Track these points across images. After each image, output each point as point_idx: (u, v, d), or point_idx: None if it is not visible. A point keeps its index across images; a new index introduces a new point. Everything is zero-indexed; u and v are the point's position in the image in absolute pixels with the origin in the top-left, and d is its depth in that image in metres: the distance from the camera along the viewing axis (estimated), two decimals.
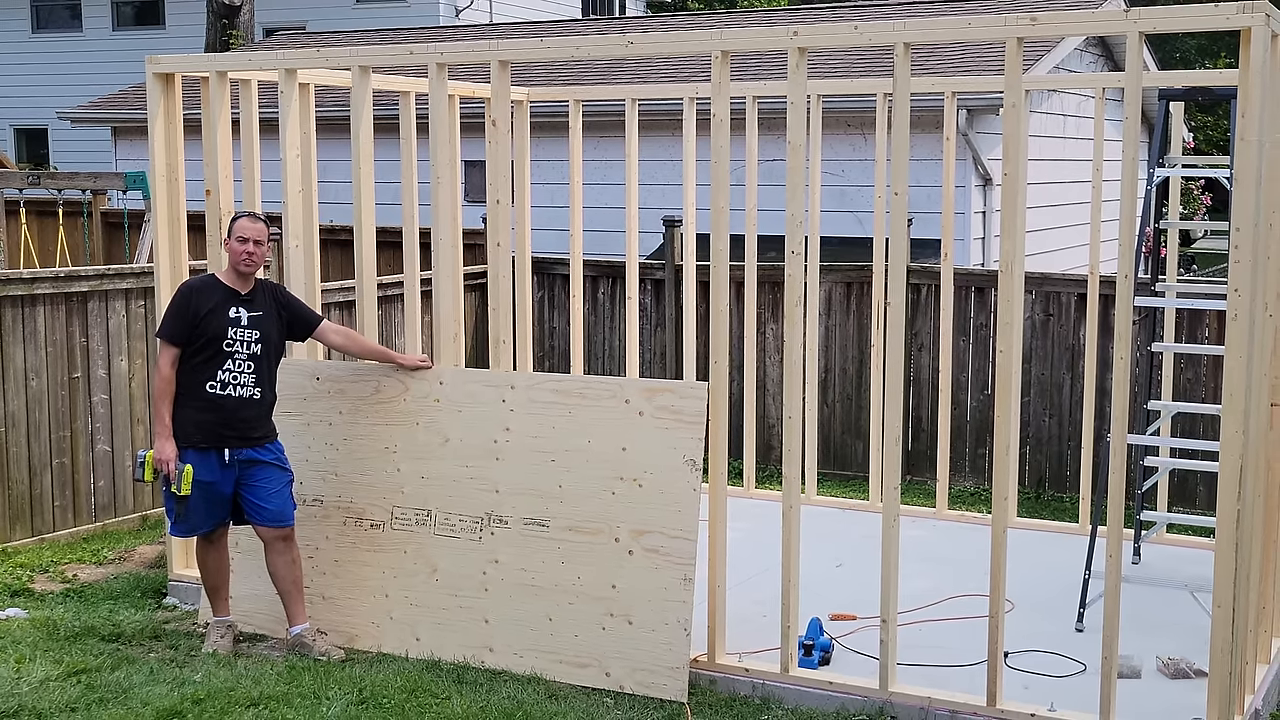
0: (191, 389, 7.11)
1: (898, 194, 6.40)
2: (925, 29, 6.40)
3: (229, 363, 7.15)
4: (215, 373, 7.13)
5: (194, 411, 7.11)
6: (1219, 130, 35.37)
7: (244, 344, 7.19)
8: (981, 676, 6.39)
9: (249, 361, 7.21)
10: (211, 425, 7.12)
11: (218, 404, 7.14)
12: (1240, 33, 5.70)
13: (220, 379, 7.14)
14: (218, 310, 7.15)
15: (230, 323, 7.17)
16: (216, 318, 7.14)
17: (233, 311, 7.19)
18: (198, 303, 7.14)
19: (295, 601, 7.36)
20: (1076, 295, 10.64)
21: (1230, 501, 5.90)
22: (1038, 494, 10.90)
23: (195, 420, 7.10)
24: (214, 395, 7.13)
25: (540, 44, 7.31)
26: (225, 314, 7.17)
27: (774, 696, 6.69)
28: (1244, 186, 5.78)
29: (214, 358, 7.13)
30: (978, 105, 14.05)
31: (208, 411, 7.12)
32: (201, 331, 7.10)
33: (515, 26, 23.17)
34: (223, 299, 7.20)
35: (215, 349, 7.12)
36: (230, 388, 7.16)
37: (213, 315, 7.13)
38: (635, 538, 6.89)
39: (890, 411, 6.53)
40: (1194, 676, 6.68)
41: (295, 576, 7.37)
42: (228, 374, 7.15)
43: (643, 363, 12.12)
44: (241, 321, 7.20)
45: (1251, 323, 5.84)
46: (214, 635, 7.41)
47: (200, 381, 7.12)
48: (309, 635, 7.35)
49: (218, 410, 7.14)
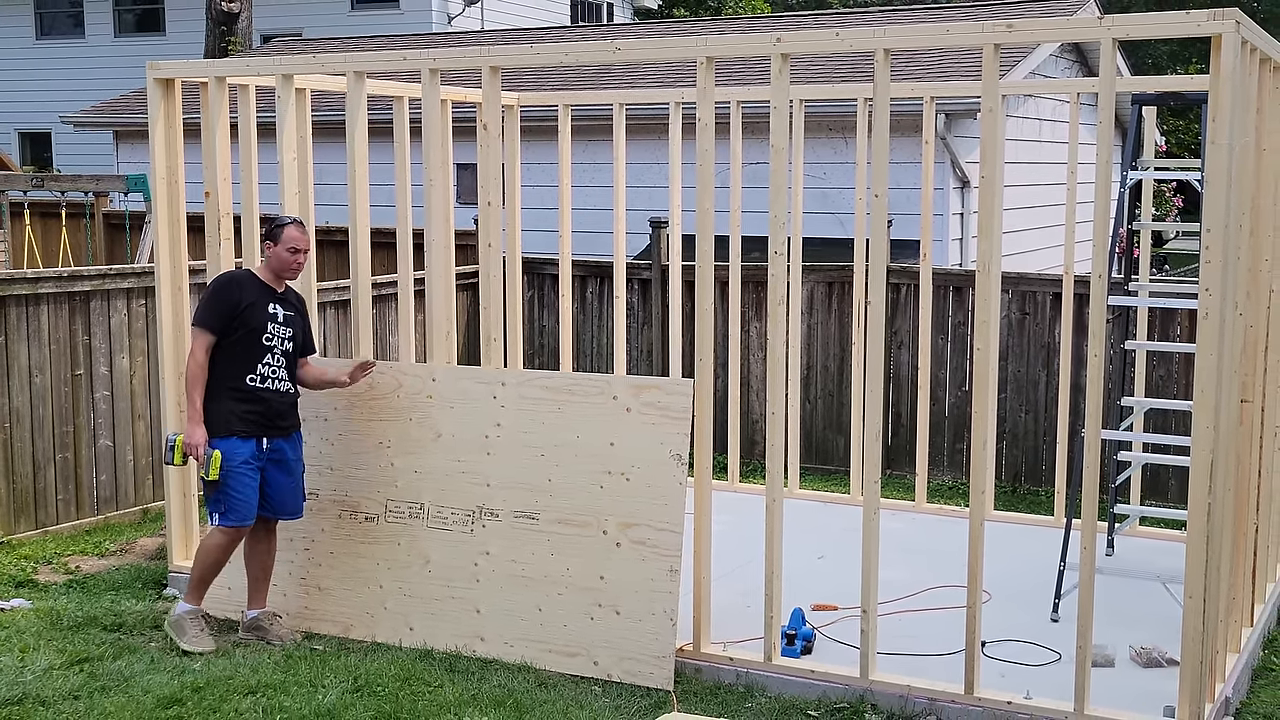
0: (230, 380, 7.10)
1: (878, 196, 6.39)
2: (905, 36, 6.39)
3: (268, 356, 7.19)
4: (255, 365, 7.14)
5: (234, 402, 7.10)
6: (1190, 134, 35.45)
7: (280, 340, 7.24)
8: (959, 665, 6.38)
9: (282, 357, 7.26)
10: (252, 416, 7.14)
11: (259, 396, 7.17)
12: (1211, 39, 5.70)
13: (260, 372, 7.16)
14: (258, 304, 7.17)
15: (269, 318, 7.19)
16: (257, 311, 7.16)
17: (271, 308, 7.22)
18: (239, 294, 7.15)
19: (262, 588, 7.45)
20: (1052, 294, 10.64)
21: (1201, 495, 5.90)
22: (1014, 488, 10.90)
23: (235, 410, 7.09)
24: (255, 388, 7.15)
25: (530, 50, 7.29)
26: (265, 309, 7.20)
27: (757, 685, 6.68)
28: (1215, 188, 5.78)
29: (254, 350, 7.14)
30: (956, 109, 14.06)
31: (249, 402, 7.13)
32: (242, 323, 7.10)
33: (506, 33, 23.12)
34: (261, 294, 7.23)
35: (254, 341, 7.14)
36: (269, 381, 7.20)
37: (253, 309, 7.15)
38: (623, 530, 6.88)
39: (871, 407, 6.52)
40: (1166, 665, 6.68)
41: (270, 564, 7.47)
42: (267, 368, 7.18)
43: (630, 360, 12.10)
44: (278, 318, 7.24)
45: (1222, 321, 5.84)
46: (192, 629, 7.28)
47: (240, 373, 7.11)
48: (266, 619, 7.40)
49: (259, 402, 7.17)
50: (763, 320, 11.53)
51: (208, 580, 7.35)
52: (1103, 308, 6.03)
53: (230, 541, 7.25)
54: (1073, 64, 18.06)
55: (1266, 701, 6.69)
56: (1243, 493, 6.72)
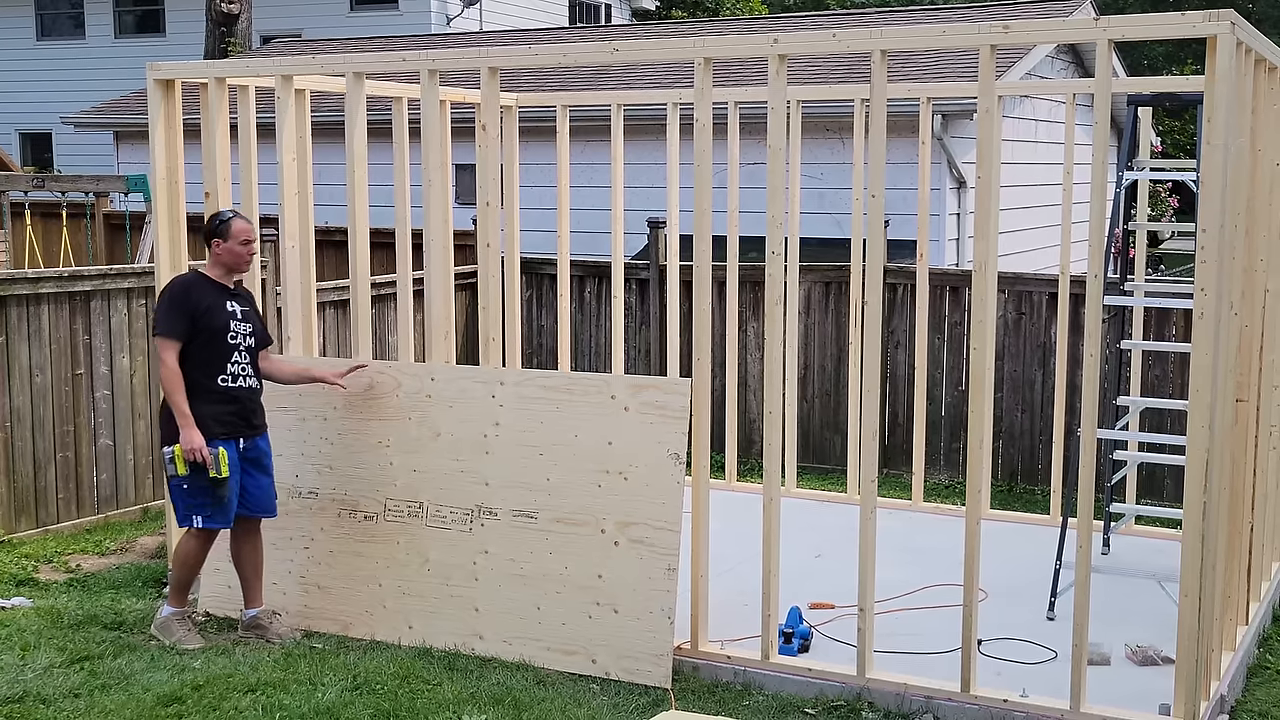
0: (202, 384, 7.05)
1: (875, 196, 6.38)
2: (901, 37, 6.39)
3: (235, 355, 7.16)
4: (225, 366, 7.12)
5: (211, 406, 7.06)
6: (1186, 135, 35.48)
7: (243, 336, 7.22)
8: (956, 663, 6.38)
9: (247, 354, 7.24)
10: (229, 417, 7.12)
11: (233, 396, 7.15)
12: (1206, 40, 5.70)
13: (230, 371, 7.14)
14: (215, 305, 7.15)
15: (229, 316, 7.18)
16: (217, 312, 7.13)
17: (229, 306, 7.21)
18: (196, 298, 7.12)
19: (256, 586, 7.43)
20: (1048, 294, 10.64)
21: (1196, 494, 5.90)
22: (1010, 487, 10.89)
23: (213, 414, 7.05)
24: (228, 388, 7.13)
25: (529, 51, 7.28)
26: (224, 308, 7.17)
27: (755, 682, 6.68)
28: (1210, 189, 5.78)
29: (220, 351, 7.11)
30: (952, 110, 14.06)
31: (225, 403, 7.11)
32: (203, 326, 7.07)
33: (504, 35, 23.12)
34: (217, 294, 7.20)
35: (220, 342, 7.10)
36: (240, 379, 7.19)
37: (212, 310, 7.12)
38: (621, 529, 6.88)
39: (868, 407, 6.52)
40: (1161, 663, 6.68)
41: (260, 561, 7.46)
42: (236, 366, 7.17)
43: (628, 360, 12.10)
44: (237, 315, 7.22)
45: (1217, 321, 5.84)
46: (178, 629, 7.27)
47: (211, 376, 7.09)
48: (265, 617, 7.39)
49: (235, 401, 7.16)
50: (760, 320, 11.53)
51: (188, 582, 7.33)
52: (1098, 307, 6.03)
53: (208, 543, 7.23)
54: (1069, 65, 18.07)
55: (1261, 699, 6.68)
56: (1238, 492, 6.72)
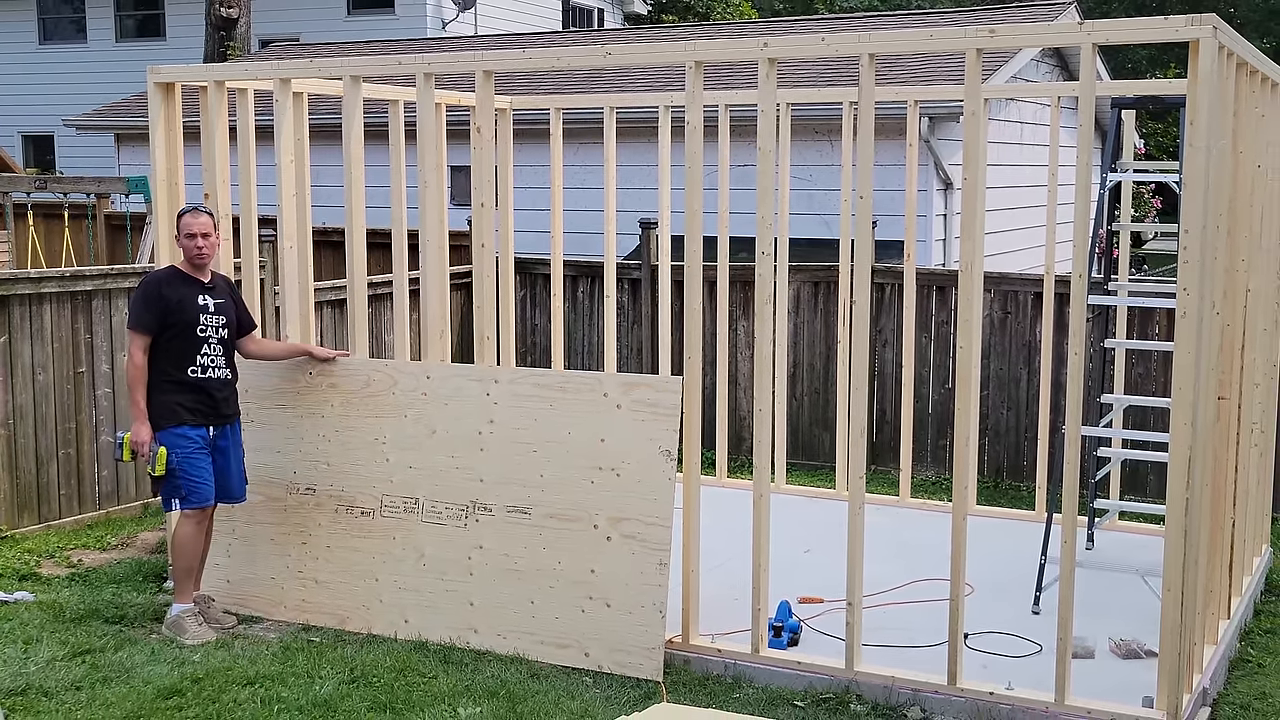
0: (172, 374, 7.22)
1: (863, 198, 6.38)
2: (889, 41, 6.38)
3: (205, 347, 7.30)
4: (194, 357, 7.26)
5: (181, 395, 7.22)
6: (1169, 137, 35.49)
7: (215, 329, 7.35)
8: (942, 657, 6.38)
9: (219, 345, 7.37)
10: (197, 405, 7.25)
11: (201, 386, 7.28)
12: (1189, 44, 5.70)
13: (200, 363, 7.28)
14: (186, 300, 7.27)
15: (200, 310, 7.29)
16: (188, 306, 7.27)
17: (201, 299, 7.32)
18: (168, 293, 7.25)
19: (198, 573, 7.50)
20: (1033, 294, 10.64)
21: (1179, 490, 5.90)
22: (996, 483, 10.89)
23: (181, 401, 7.21)
24: (197, 379, 7.27)
25: (523, 55, 7.29)
26: (195, 302, 7.30)
27: (745, 676, 6.67)
28: (1192, 191, 5.78)
29: (190, 343, 7.25)
30: (939, 113, 14.05)
31: (194, 393, 7.25)
32: (175, 320, 7.20)
33: (499, 38, 23.09)
34: (189, 289, 7.32)
35: (190, 335, 7.24)
36: (210, 370, 7.32)
37: (183, 304, 7.25)
38: (613, 524, 6.87)
39: (856, 405, 6.51)
40: (1145, 657, 6.69)
41: (207, 549, 7.57)
42: (205, 358, 7.30)
43: (620, 358, 12.08)
44: (209, 309, 7.34)
45: (1200, 320, 5.84)
46: (191, 626, 7.29)
47: (181, 367, 7.24)
48: (199, 602, 7.46)
49: (202, 392, 7.28)
50: (750, 319, 11.52)
51: (192, 572, 7.38)
52: (1083, 307, 6.03)
53: (198, 524, 7.33)
54: (1054, 68, 18.07)
55: (1243, 692, 6.69)
56: (1220, 488, 6.72)
